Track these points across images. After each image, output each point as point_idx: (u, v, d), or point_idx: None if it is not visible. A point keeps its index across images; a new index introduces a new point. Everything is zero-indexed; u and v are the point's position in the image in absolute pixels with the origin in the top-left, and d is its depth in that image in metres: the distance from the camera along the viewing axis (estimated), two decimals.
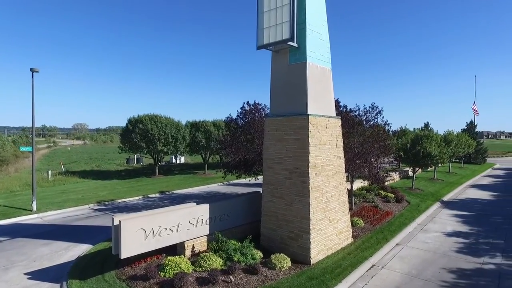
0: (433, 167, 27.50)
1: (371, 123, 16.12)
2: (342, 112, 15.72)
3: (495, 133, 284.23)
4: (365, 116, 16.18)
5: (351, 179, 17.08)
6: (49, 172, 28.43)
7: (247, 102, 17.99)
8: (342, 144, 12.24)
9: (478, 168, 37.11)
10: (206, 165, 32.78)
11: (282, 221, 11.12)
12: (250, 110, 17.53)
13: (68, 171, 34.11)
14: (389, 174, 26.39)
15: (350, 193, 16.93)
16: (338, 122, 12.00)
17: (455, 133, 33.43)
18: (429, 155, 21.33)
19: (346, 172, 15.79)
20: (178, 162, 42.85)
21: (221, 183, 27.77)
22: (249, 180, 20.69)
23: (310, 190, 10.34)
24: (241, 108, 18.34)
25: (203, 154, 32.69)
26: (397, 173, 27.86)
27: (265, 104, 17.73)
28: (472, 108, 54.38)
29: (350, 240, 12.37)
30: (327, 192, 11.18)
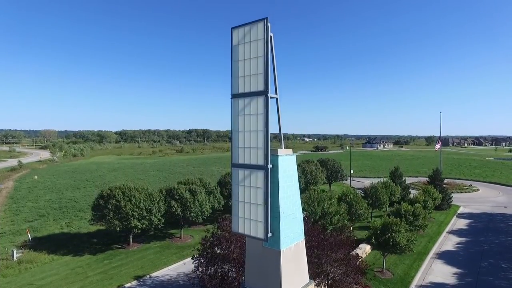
0: None
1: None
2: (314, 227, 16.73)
3: (460, 140, 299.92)
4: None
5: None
6: (14, 251, 27.00)
7: (223, 220, 18.25)
8: None
9: (443, 218, 39.17)
10: (181, 230, 32.49)
11: None
12: (226, 225, 17.72)
13: (36, 238, 32.64)
14: (360, 250, 27.34)
15: None
16: (311, 286, 12.38)
17: (424, 190, 35.21)
18: (397, 244, 22.36)
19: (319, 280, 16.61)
20: None
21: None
22: None
23: None
24: (220, 221, 18.58)
25: (179, 222, 32.34)
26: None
27: None
28: (436, 148, 57.69)
29: None
30: None
